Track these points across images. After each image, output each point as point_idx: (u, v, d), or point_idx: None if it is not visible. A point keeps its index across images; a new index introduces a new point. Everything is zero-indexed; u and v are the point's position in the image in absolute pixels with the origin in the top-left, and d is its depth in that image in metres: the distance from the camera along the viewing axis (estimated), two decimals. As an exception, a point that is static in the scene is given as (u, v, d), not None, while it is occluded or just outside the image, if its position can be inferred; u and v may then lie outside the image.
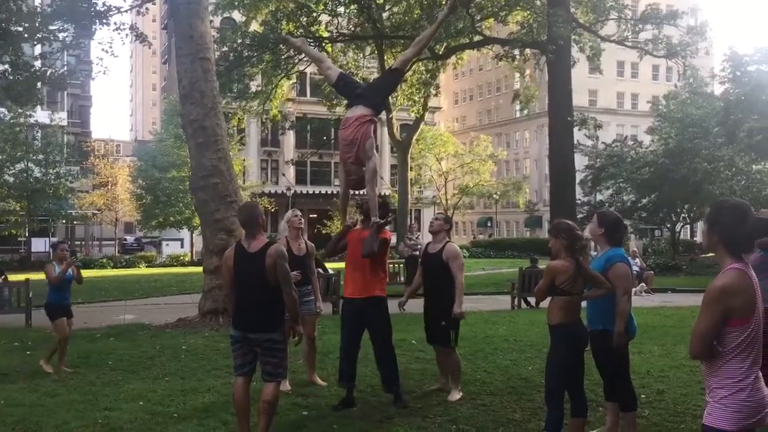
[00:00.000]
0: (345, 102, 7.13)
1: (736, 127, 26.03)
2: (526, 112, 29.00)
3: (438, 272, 6.67)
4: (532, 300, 16.27)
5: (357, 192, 7.16)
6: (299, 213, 7.55)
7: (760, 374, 2.96)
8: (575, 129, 23.68)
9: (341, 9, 26.68)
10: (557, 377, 5.06)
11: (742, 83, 26.23)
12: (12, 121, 33.86)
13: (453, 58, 30.06)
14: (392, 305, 6.70)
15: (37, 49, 22.40)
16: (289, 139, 51.53)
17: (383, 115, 30.75)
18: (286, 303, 5.15)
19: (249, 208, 5.35)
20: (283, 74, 27.19)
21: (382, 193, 11.51)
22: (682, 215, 32.62)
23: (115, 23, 17.91)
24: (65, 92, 46.48)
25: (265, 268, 5.01)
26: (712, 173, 27.70)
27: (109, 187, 51.15)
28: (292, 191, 45.66)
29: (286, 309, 5.20)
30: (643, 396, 6.65)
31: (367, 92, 6.58)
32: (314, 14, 26.02)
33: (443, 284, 6.62)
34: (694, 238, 44.09)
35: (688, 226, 38.33)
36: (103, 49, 56.37)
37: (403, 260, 19.51)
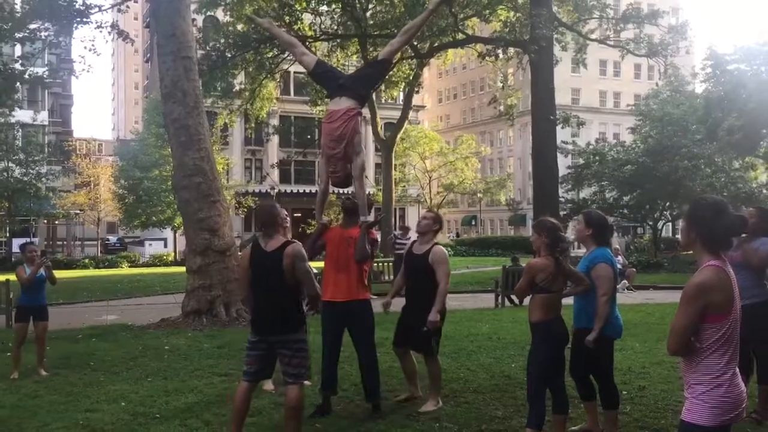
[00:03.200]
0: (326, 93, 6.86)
1: (716, 125, 26.29)
2: (507, 115, 28.95)
3: (422, 275, 6.25)
4: (515, 298, 16.37)
5: (337, 190, 7.00)
6: (284, 212, 7.38)
7: (737, 370, 3.00)
8: (558, 127, 23.79)
9: (324, 8, 26.60)
10: (539, 374, 5.08)
11: (722, 82, 26.50)
12: (-8, 120, 33.51)
13: (439, 56, 30.16)
14: (376, 305, 6.61)
15: (18, 50, 22.17)
16: (273, 138, 51.34)
17: (367, 114, 30.74)
18: (308, 298, 5.22)
19: (267, 208, 5.30)
20: (267, 74, 27.06)
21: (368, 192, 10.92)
22: (664, 213, 32.91)
23: (96, 21, 17.78)
24: (46, 91, 46.02)
25: (283, 267, 4.93)
26: (692, 171, 27.96)
27: (92, 186, 50.73)
28: (276, 190, 45.58)
29: (308, 299, 5.27)
30: (624, 392, 6.70)
31: (350, 83, 6.17)
32: (297, 13, 25.91)
33: (428, 288, 6.15)
34: (676, 236, 44.46)
35: (670, 224, 38.65)
36: (85, 47, 55.82)
37: (392, 259, 19.48)
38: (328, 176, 6.16)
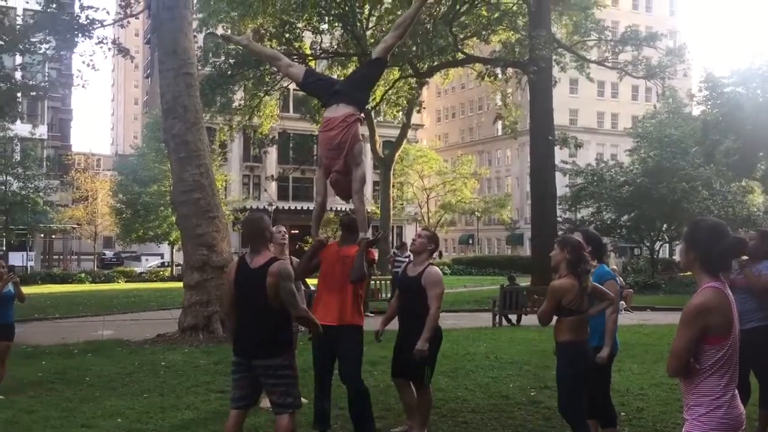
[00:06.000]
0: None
1: (713, 147, 26.45)
2: (509, 131, 29.13)
3: (415, 298, 5.80)
4: (513, 317, 16.36)
5: (334, 207, 6.61)
6: (283, 229, 7.11)
7: (737, 392, 3.00)
8: (556, 148, 23.89)
9: (325, 26, 26.79)
10: (571, 395, 4.96)
11: (719, 104, 26.67)
12: (-9, 134, 33.60)
13: (439, 75, 30.41)
14: (374, 323, 6.50)
15: (18, 60, 22.29)
16: (271, 154, 51.52)
17: (366, 132, 30.89)
18: (297, 320, 4.88)
19: (253, 221, 4.82)
20: (266, 91, 27.18)
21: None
22: (661, 234, 32.96)
23: (97, 37, 17.95)
24: (45, 105, 46.17)
25: (267, 287, 4.56)
26: (690, 192, 28.04)
27: (89, 201, 50.72)
28: (274, 207, 45.60)
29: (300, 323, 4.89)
30: (622, 414, 6.68)
31: (346, 88, 5.70)
32: (297, 31, 26.11)
33: (421, 312, 5.71)
34: (673, 257, 44.50)
35: (667, 245, 38.72)
36: (83, 62, 56.05)
37: (389, 277, 19.42)
38: (325, 190, 5.72)
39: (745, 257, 5.75)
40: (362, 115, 5.76)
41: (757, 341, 5.50)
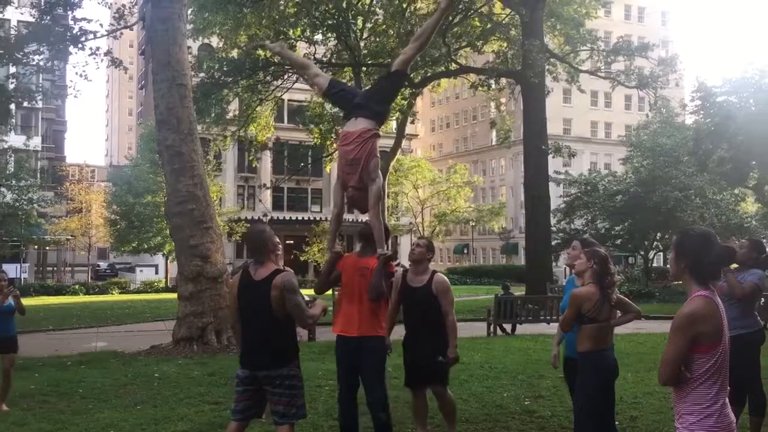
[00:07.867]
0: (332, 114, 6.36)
1: (706, 156, 26.59)
2: (502, 141, 29.20)
3: (427, 308, 5.78)
4: (507, 327, 16.37)
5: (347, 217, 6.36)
6: (276, 239, 7.24)
7: (727, 400, 3.01)
8: (550, 157, 23.97)
9: (319, 37, 26.89)
10: (587, 409, 4.94)
11: (711, 114, 26.84)
12: (-16, 145, 33.53)
13: (434, 85, 30.53)
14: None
15: (11, 70, 22.29)
16: (266, 164, 51.51)
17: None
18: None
19: (255, 233, 4.85)
20: (259, 100, 27.24)
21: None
22: (655, 242, 33.05)
23: (90, 48, 17.98)
24: (39, 116, 46.12)
25: (270, 299, 4.54)
26: (683, 201, 28.16)
27: (83, 212, 50.58)
28: (269, 217, 45.53)
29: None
30: (616, 423, 6.67)
31: (366, 101, 5.65)
32: (291, 41, 26.20)
33: (433, 320, 5.77)
34: (667, 266, 44.60)
35: (661, 254, 38.87)
36: (76, 73, 56.18)
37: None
38: (342, 203, 5.69)
39: (734, 265, 5.79)
40: (380, 128, 5.69)
41: (741, 348, 5.52)
